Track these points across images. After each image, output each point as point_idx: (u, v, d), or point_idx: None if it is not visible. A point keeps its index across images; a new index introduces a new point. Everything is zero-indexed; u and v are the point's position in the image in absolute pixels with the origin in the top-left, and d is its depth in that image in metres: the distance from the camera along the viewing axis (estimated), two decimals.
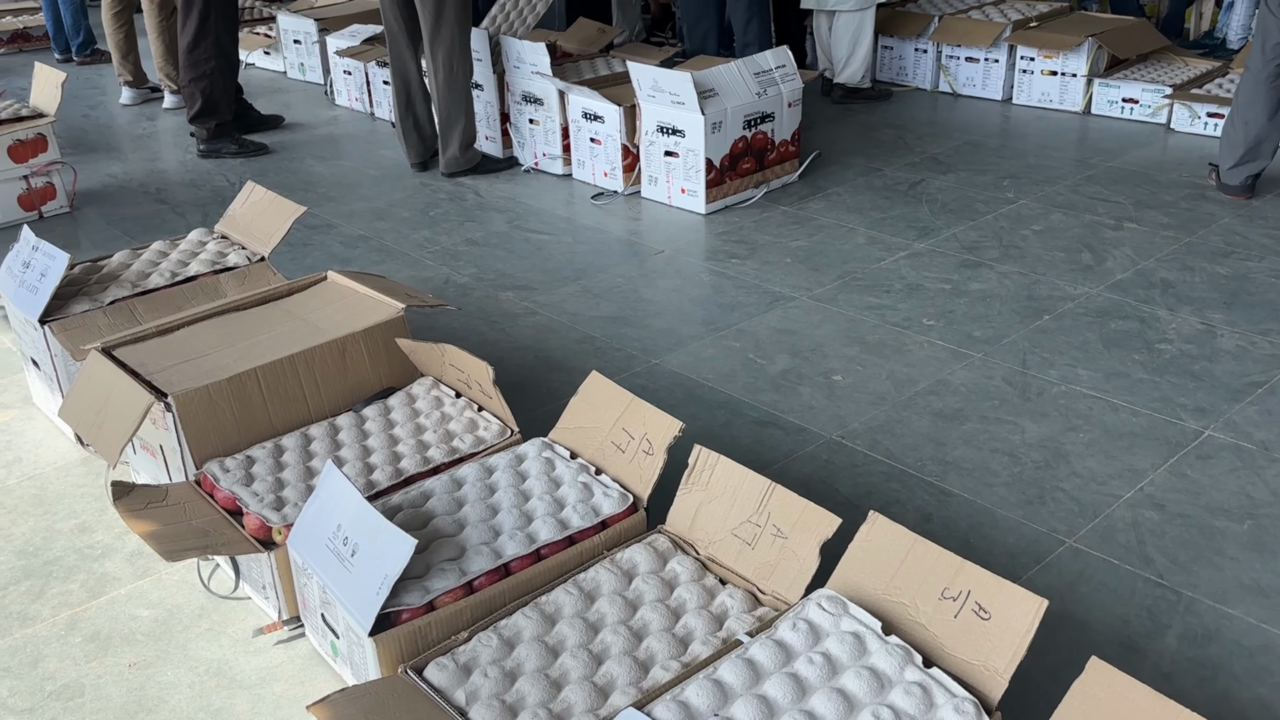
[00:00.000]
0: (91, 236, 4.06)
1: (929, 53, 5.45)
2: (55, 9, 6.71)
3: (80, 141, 5.21)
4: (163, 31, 5.49)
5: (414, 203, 4.32)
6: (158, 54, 5.60)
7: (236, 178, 4.64)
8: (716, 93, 3.98)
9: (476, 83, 4.71)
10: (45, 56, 6.97)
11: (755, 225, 3.93)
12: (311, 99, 5.94)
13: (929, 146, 4.68)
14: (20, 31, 7.20)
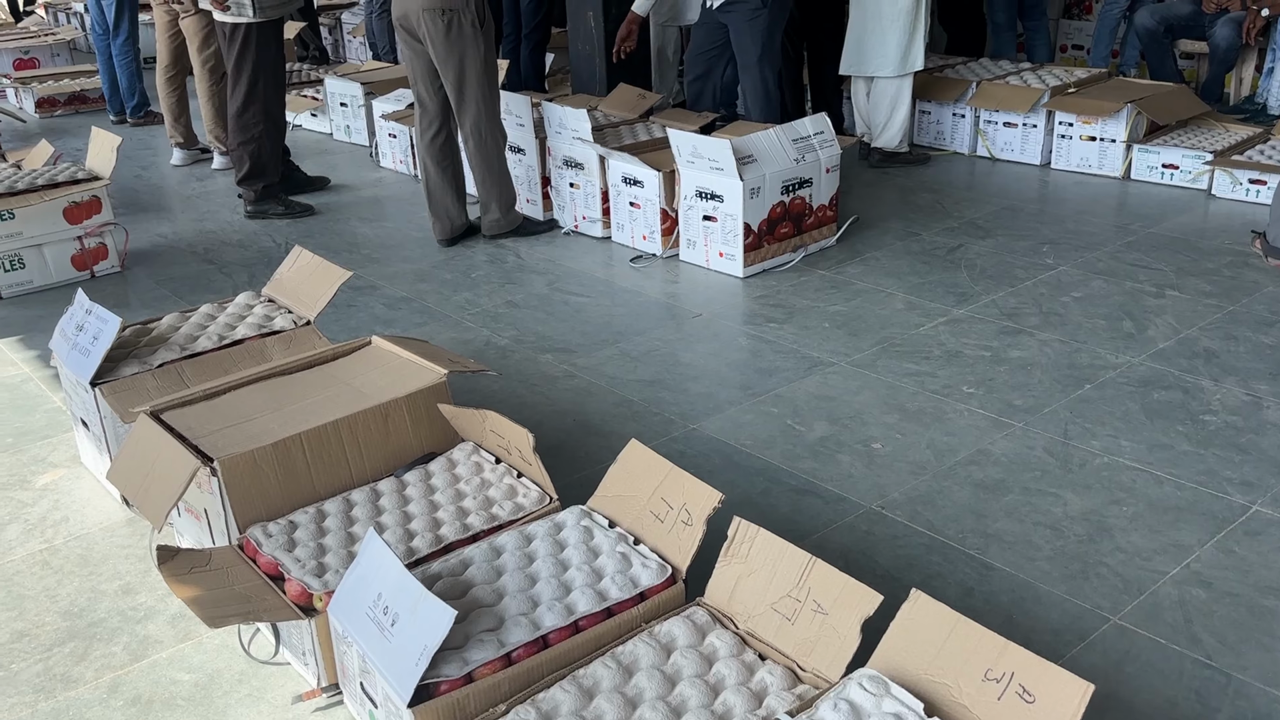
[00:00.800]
0: (141, 296, 4.15)
1: (967, 117, 5.48)
2: (112, 72, 6.92)
3: (132, 201, 5.34)
4: (213, 95, 5.64)
5: (455, 265, 4.38)
6: (208, 117, 5.75)
7: (283, 238, 4.74)
8: (755, 158, 4.02)
9: (519, 146, 4.79)
10: (101, 118, 7.18)
11: (793, 289, 3.95)
12: (357, 161, 6.06)
13: (967, 211, 4.69)
14: (78, 94, 7.42)
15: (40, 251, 4.17)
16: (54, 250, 4.20)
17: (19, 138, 6.40)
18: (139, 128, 6.92)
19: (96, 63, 7.02)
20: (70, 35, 8.61)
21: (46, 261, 4.20)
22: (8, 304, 4.10)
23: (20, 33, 8.62)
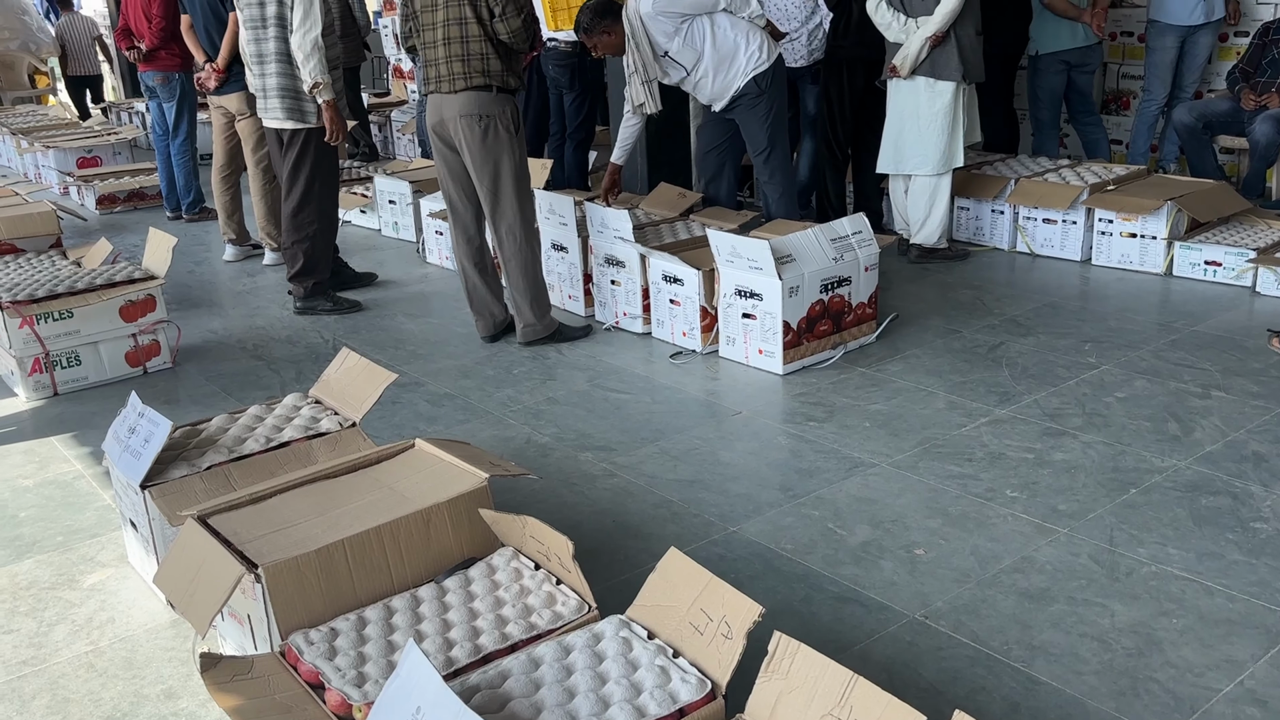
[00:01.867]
0: (191, 392, 4.24)
1: (1006, 214, 5.51)
2: (170, 170, 7.16)
3: (185, 297, 5.49)
4: (265, 194, 5.82)
5: (498, 361, 4.44)
6: (260, 214, 5.92)
7: (331, 335, 4.83)
8: (794, 258, 4.07)
9: (562, 245, 4.89)
10: (158, 214, 7.42)
11: (833, 387, 3.95)
12: (404, 256, 6.19)
13: (1008, 308, 4.69)
14: (136, 191, 7.68)
15: (96, 348, 4.29)
16: (109, 347, 4.32)
17: (79, 234, 6.62)
18: (194, 223, 7.13)
19: (156, 161, 7.27)
20: (132, 134, 8.94)
21: (102, 358, 4.31)
22: (64, 399, 4.21)
23: (85, 132, 8.97)
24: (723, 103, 5.02)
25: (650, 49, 4.84)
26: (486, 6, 4.14)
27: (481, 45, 4.18)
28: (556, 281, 4.99)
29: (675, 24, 4.80)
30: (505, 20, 4.14)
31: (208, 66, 5.85)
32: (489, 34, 4.18)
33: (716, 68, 4.89)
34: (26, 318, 4.09)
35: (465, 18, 4.16)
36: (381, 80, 11.77)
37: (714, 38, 4.84)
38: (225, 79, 5.78)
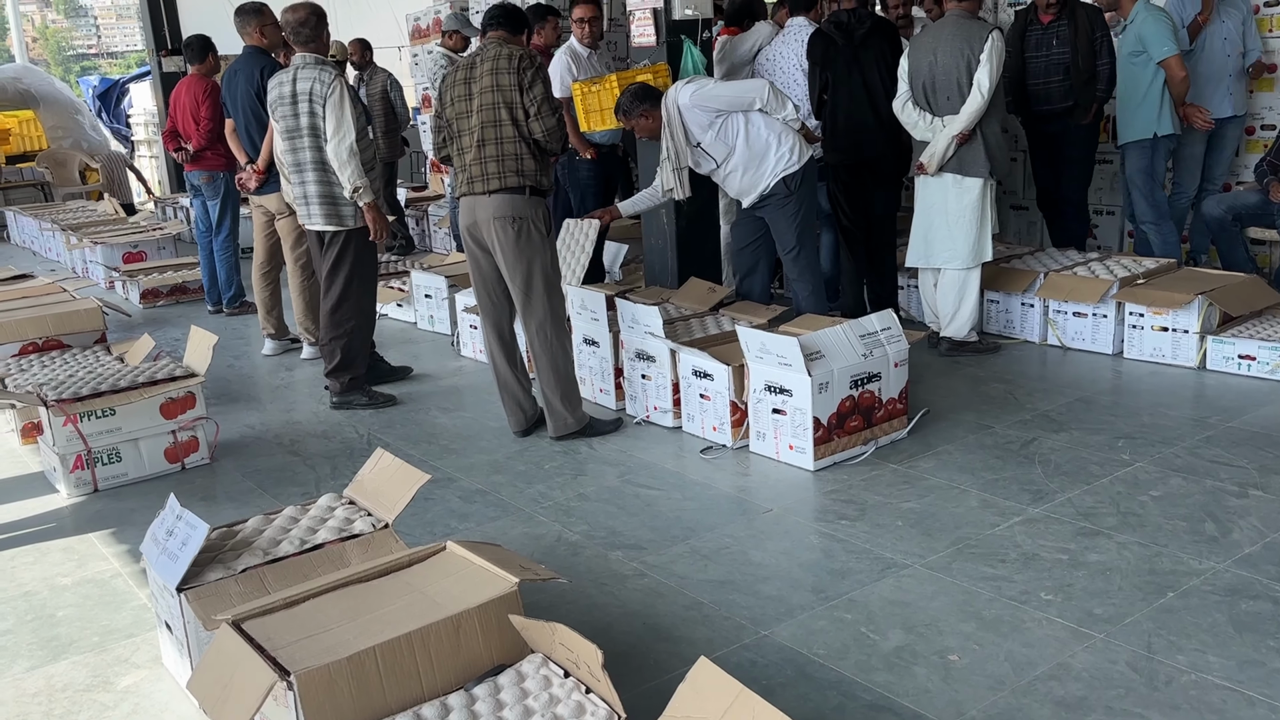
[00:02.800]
0: (228, 489, 4.29)
1: (1036, 307, 5.52)
2: (211, 265, 7.34)
3: (224, 391, 5.58)
4: (304, 290, 5.95)
5: (530, 455, 4.47)
6: (299, 309, 6.04)
7: (366, 430, 4.90)
8: (823, 354, 4.10)
9: (593, 339, 4.95)
10: (200, 307, 7.59)
11: (865, 484, 3.94)
12: (439, 349, 6.28)
13: (1039, 403, 4.68)
14: (179, 285, 7.86)
15: (136, 445, 4.37)
16: (149, 444, 4.40)
17: (124, 329, 6.77)
18: (234, 317, 7.28)
19: (199, 256, 7.46)
20: (176, 229, 9.19)
21: (141, 455, 4.39)
22: (103, 496, 4.28)
23: (131, 227, 9.23)
24: (750, 198, 5.12)
25: (684, 138, 4.99)
26: (522, 106, 4.27)
27: (516, 145, 4.30)
28: (588, 375, 5.04)
29: (711, 117, 4.94)
30: (540, 119, 4.27)
31: (249, 168, 6.05)
32: (523, 134, 4.31)
33: (746, 164, 5.00)
34: (71, 416, 4.18)
35: (500, 119, 4.29)
36: (419, 174, 12.06)
37: (747, 135, 4.96)
38: (265, 180, 5.97)
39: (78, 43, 63.82)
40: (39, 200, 12.46)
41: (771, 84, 5.00)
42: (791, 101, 5.02)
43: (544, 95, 4.26)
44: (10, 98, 13.22)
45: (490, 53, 4.32)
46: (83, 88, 16.58)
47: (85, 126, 13.67)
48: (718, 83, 5.10)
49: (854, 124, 5.55)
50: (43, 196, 12.60)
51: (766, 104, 4.94)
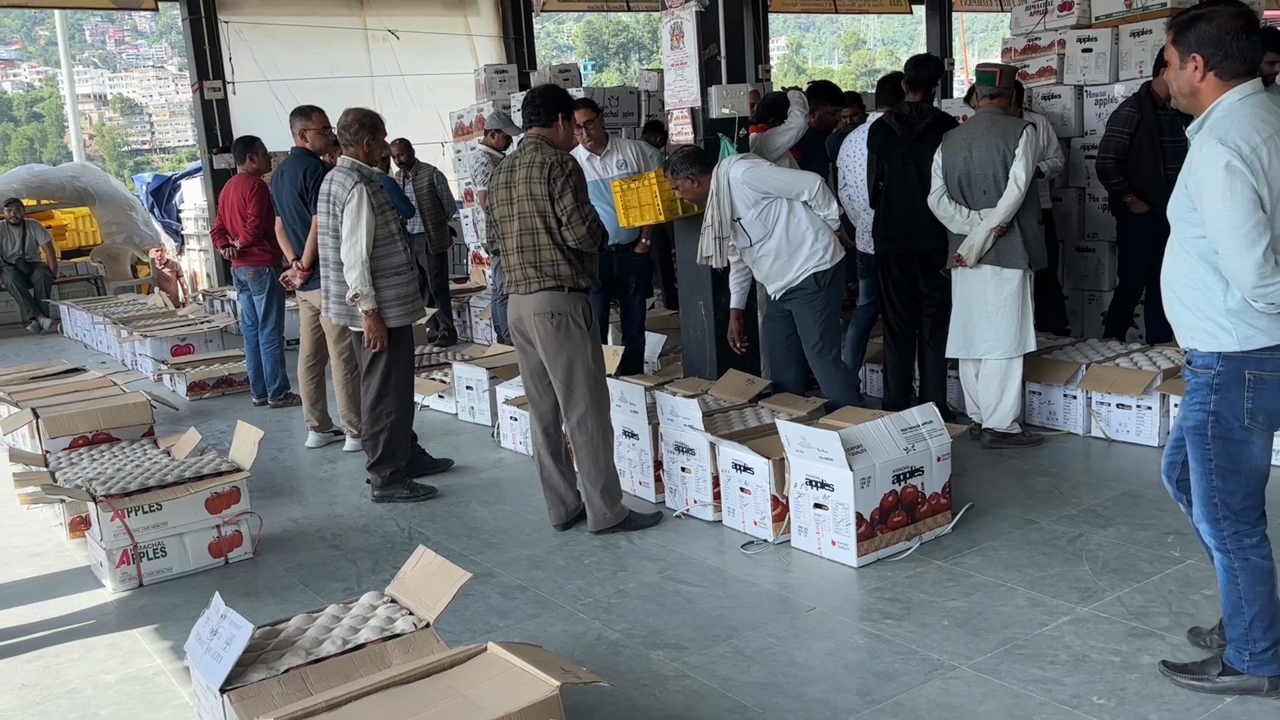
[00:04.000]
0: (271, 584, 4.31)
1: (1079, 399, 5.48)
2: (257, 358, 7.47)
3: (267, 484, 5.63)
4: (347, 383, 6.03)
5: (569, 549, 4.46)
6: (342, 402, 6.12)
7: (407, 523, 4.91)
8: (864, 449, 4.08)
9: (633, 431, 4.96)
10: (245, 399, 7.70)
11: (909, 581, 3.89)
12: (479, 441, 6.32)
13: (1085, 497, 4.61)
14: (225, 378, 8.00)
15: (182, 540, 4.41)
16: (194, 538, 4.44)
17: (171, 421, 6.88)
18: (279, 409, 7.37)
19: (245, 348, 7.60)
20: (224, 322, 9.38)
21: (186, 549, 4.43)
22: (148, 591, 4.31)
23: (179, 320, 9.44)
24: (776, 286, 5.16)
25: (729, 210, 5.06)
26: (554, 216, 4.37)
27: (552, 252, 4.40)
28: (627, 468, 5.05)
29: (757, 196, 5.02)
30: (571, 228, 4.36)
31: (294, 264, 6.20)
32: (557, 241, 4.39)
33: (779, 251, 5.05)
34: (118, 511, 4.24)
35: (536, 228, 4.40)
36: (461, 266, 12.27)
37: (788, 223, 5.03)
38: (309, 276, 6.11)
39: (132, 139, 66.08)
40: (92, 294, 12.79)
41: (823, 181, 5.07)
42: (837, 203, 5.09)
43: (574, 205, 4.34)
44: (68, 195, 13.67)
45: (525, 158, 4.44)
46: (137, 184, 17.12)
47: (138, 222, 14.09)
48: (772, 166, 5.17)
49: (906, 215, 5.60)
50: (95, 290, 12.94)
51: (814, 198, 5.01)
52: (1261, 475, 2.89)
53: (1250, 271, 2.62)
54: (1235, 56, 2.74)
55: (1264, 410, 2.79)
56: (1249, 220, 2.62)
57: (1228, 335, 2.76)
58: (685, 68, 5.83)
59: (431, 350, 8.27)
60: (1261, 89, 2.79)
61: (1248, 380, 2.77)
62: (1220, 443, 2.84)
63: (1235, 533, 2.91)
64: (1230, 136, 2.67)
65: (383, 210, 5.04)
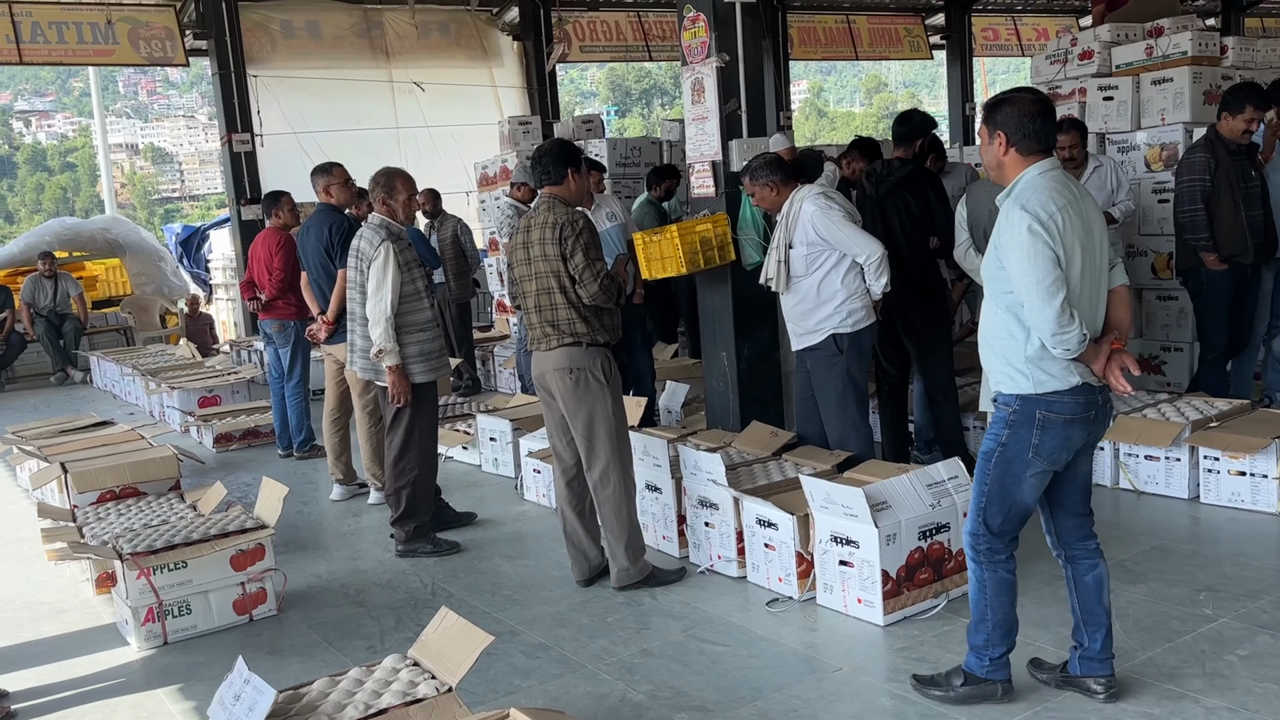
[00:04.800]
0: (294, 642, 4.31)
1: (1106, 449, 5.42)
2: (283, 410, 7.52)
3: (292, 539, 5.64)
4: (371, 435, 6.06)
5: (593, 606, 4.44)
6: (366, 455, 6.15)
7: (430, 579, 4.91)
8: (889, 505, 4.05)
9: (656, 485, 4.95)
10: (271, 450, 7.74)
11: (936, 640, 3.84)
12: (502, 493, 6.32)
13: (1114, 551, 4.53)
14: (251, 429, 8.05)
15: (206, 597, 4.42)
16: (219, 596, 4.45)
17: (197, 474, 6.92)
18: (304, 461, 7.41)
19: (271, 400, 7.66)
20: (250, 374, 9.46)
21: (211, 607, 4.44)
22: (173, 649, 4.32)
23: (207, 372, 9.53)
24: (797, 335, 5.13)
25: (788, 233, 5.01)
26: (567, 274, 4.40)
27: (568, 310, 4.42)
28: (650, 522, 5.03)
29: (815, 237, 4.94)
30: (584, 286, 4.39)
31: (319, 318, 6.26)
32: (572, 300, 4.42)
33: (805, 297, 5.02)
34: (144, 569, 4.26)
35: (551, 287, 4.44)
36: (485, 314, 12.34)
37: (827, 274, 4.95)
38: (334, 330, 6.17)
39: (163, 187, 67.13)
40: (121, 344, 12.95)
41: (885, 254, 4.94)
42: (886, 279, 4.96)
43: (585, 263, 4.37)
44: (100, 246, 13.89)
45: (539, 218, 4.48)
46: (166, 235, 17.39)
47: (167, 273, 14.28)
48: (844, 216, 4.97)
49: None
50: (125, 341, 13.09)
51: (869, 265, 4.91)
52: (1025, 510, 3.30)
53: (1050, 321, 3.01)
54: (1032, 136, 3.15)
55: (1047, 447, 3.20)
56: (1049, 277, 3.01)
57: (1025, 379, 3.17)
58: (706, 122, 5.88)
59: (456, 400, 8.31)
60: (1058, 166, 3.18)
61: (1037, 419, 3.18)
62: (1000, 470, 3.27)
63: (990, 548, 3.33)
64: (1032, 204, 3.06)
65: (409, 267, 5.10)
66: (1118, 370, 3.12)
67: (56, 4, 12.08)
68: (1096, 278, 3.17)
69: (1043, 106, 3.18)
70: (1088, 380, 3.15)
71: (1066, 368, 3.12)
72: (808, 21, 17.05)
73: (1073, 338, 3.02)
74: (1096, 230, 3.18)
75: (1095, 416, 3.22)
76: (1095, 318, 3.18)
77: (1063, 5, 19.54)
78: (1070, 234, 3.06)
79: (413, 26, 14.21)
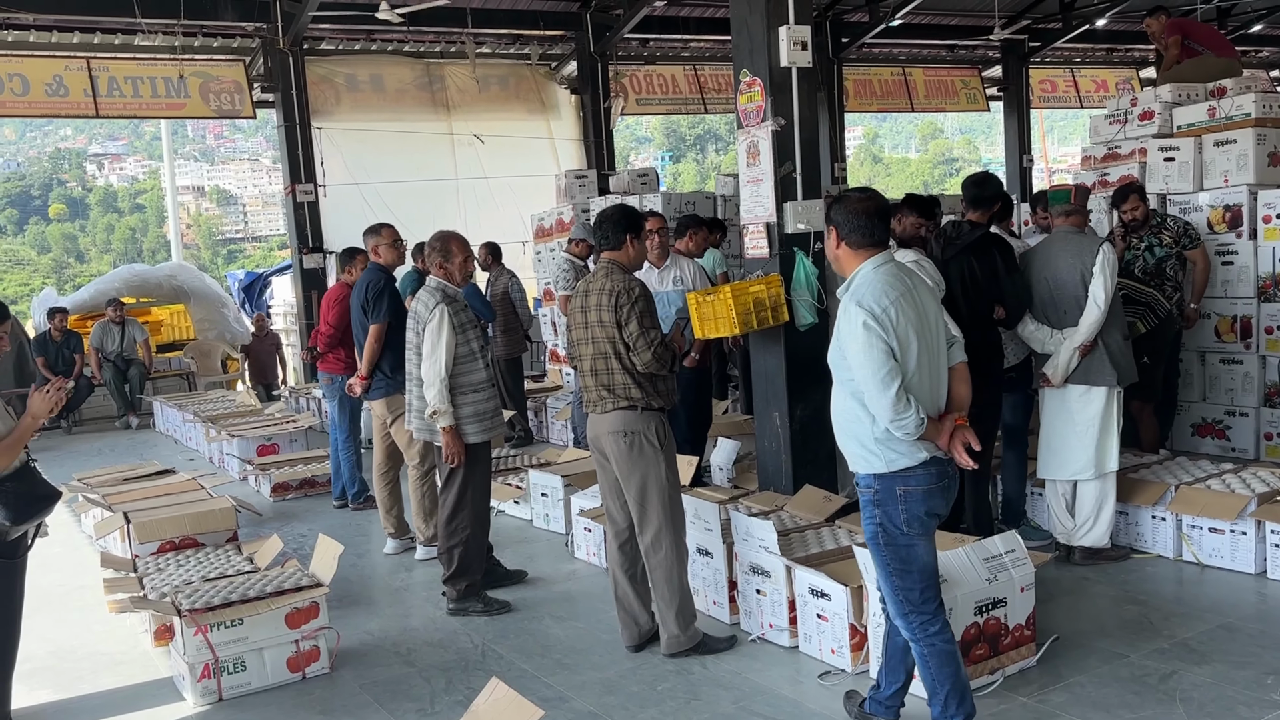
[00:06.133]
0: (345, 702, 4.33)
1: (1168, 521, 5.30)
2: (339, 461, 7.61)
3: (345, 593, 5.68)
4: (419, 487, 6.11)
5: (642, 674, 4.41)
6: (414, 509, 6.19)
7: (481, 639, 4.92)
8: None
9: (707, 550, 4.93)
10: (327, 500, 7.82)
11: (994, 718, 3.76)
12: (553, 549, 6.32)
13: (1178, 629, 4.44)
14: (308, 479, 8.15)
15: (261, 654, 4.47)
16: (273, 653, 4.49)
17: (254, 524, 7.01)
18: (359, 512, 7.47)
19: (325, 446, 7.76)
20: (309, 422, 9.60)
21: (265, 664, 4.48)
22: (227, 705, 4.36)
23: (266, 419, 9.68)
24: None
25: None
26: (622, 341, 4.43)
27: (623, 375, 4.45)
28: (701, 586, 5.00)
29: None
30: (638, 354, 4.41)
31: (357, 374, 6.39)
32: (627, 366, 4.44)
33: None
34: (201, 626, 4.32)
35: (607, 352, 4.47)
36: (539, 363, 12.42)
37: None
38: (368, 385, 6.27)
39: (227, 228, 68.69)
40: (183, 388, 13.20)
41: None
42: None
43: (639, 331, 4.39)
44: (165, 293, 14.23)
45: (597, 284, 4.53)
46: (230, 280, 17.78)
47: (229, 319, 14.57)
48: None
49: None
50: (187, 385, 13.36)
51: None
52: (931, 571, 3.48)
53: (888, 408, 3.26)
54: (859, 231, 3.42)
55: (917, 517, 3.39)
56: (883, 368, 3.26)
57: (877, 459, 3.39)
58: (761, 184, 5.91)
59: (508, 453, 8.35)
60: (890, 259, 3.43)
61: (899, 495, 3.38)
62: (891, 549, 3.44)
63: (921, 623, 3.46)
64: (866, 300, 3.32)
65: (464, 329, 5.16)
66: (959, 446, 3.33)
67: (132, 59, 12.49)
68: (935, 359, 3.40)
69: (871, 205, 3.43)
70: (934, 454, 3.37)
71: (913, 445, 3.34)
72: (863, 74, 17.12)
73: (909, 422, 3.25)
74: (932, 315, 3.42)
75: (948, 485, 3.44)
76: (938, 396, 3.42)
77: (1122, 57, 19.42)
78: (904, 324, 3.29)
79: (473, 80, 14.49)
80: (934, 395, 3.41)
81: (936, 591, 3.50)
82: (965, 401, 3.49)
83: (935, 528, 3.49)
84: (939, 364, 3.43)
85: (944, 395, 3.46)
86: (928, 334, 3.37)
